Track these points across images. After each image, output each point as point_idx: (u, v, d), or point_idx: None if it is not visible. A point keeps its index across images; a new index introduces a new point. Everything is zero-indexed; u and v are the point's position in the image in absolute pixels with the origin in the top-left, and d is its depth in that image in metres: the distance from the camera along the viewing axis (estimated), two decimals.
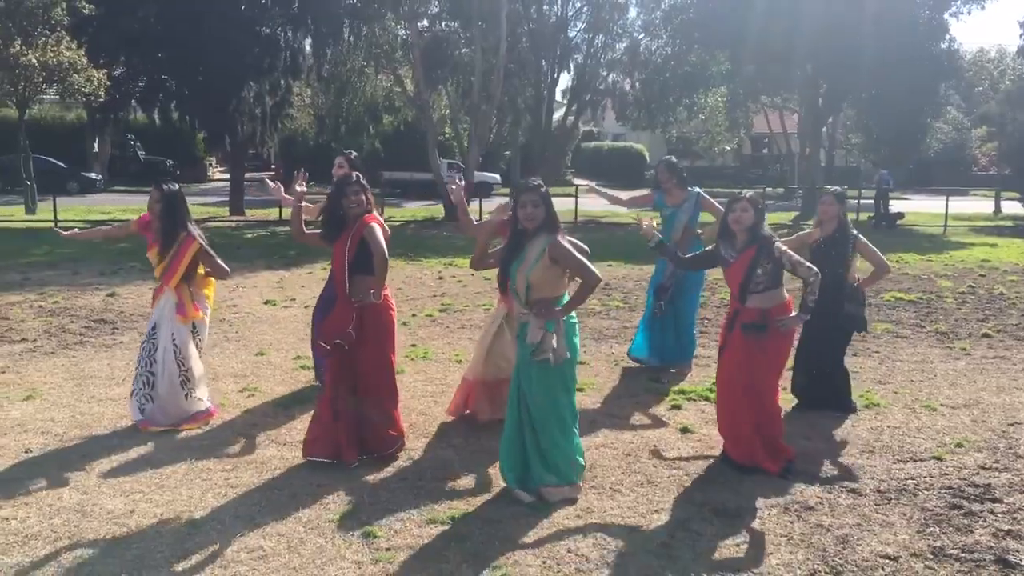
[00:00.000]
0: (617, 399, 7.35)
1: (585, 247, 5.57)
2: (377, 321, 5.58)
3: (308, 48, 26.23)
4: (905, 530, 4.80)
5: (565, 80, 28.04)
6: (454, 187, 6.23)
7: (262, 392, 7.31)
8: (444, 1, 26.64)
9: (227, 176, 33.80)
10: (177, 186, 6.71)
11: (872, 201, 28.22)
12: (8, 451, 5.77)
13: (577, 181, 31.37)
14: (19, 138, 26.38)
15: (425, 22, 27.52)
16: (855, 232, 7.04)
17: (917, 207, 33.41)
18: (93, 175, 37.51)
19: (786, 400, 7.17)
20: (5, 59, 24.47)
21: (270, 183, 7.48)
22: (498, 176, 38.82)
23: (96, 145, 39.91)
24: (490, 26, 25.09)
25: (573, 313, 5.22)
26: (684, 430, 6.48)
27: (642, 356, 8.33)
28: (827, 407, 6.93)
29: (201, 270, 6.65)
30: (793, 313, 5.53)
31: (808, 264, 5.52)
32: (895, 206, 29.16)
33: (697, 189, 8.18)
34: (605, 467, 5.72)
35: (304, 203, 5.95)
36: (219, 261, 6.61)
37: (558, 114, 30.19)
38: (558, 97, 28.92)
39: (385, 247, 5.53)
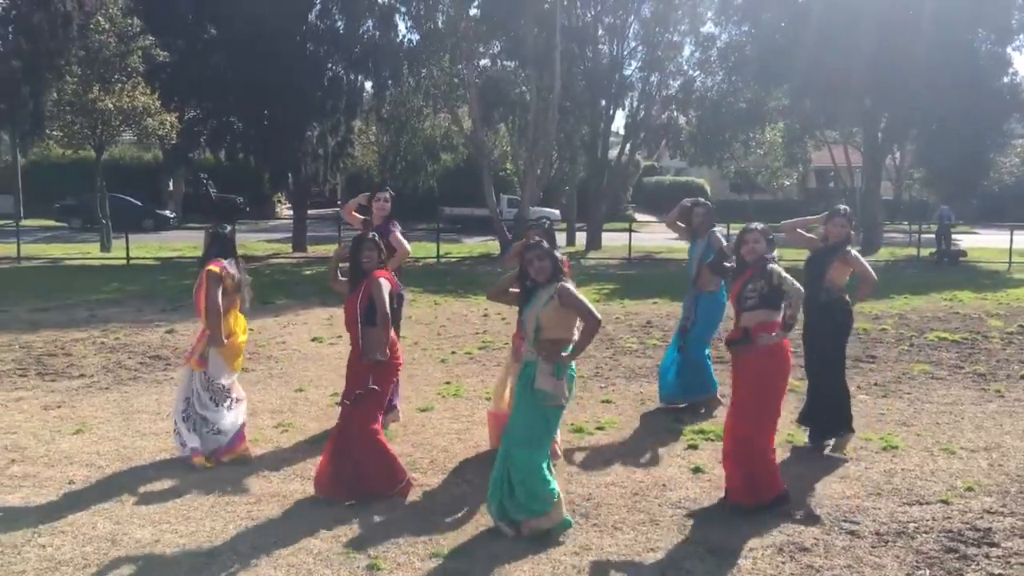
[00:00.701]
0: (636, 438, 7.53)
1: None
2: (381, 375, 5.93)
3: (369, 89, 27.05)
4: (895, 572, 4.89)
5: (621, 117, 28.21)
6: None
7: (296, 428, 7.67)
8: (500, 42, 27.21)
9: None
10: (217, 227, 7.02)
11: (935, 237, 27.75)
12: (53, 482, 6.20)
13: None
14: (97, 179, 27.70)
15: (484, 63, 28.15)
16: (849, 248, 7.13)
17: (984, 242, 32.66)
18: (167, 212, 39.04)
19: (800, 439, 7.30)
20: (84, 104, 25.82)
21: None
22: (558, 212, 39.22)
23: (171, 184, 41.54)
24: (545, 66, 25.56)
25: (574, 363, 5.46)
26: (696, 470, 6.62)
27: (674, 397, 8.41)
28: (833, 431, 7.04)
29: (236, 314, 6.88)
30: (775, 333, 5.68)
31: (794, 281, 5.68)
32: (959, 242, 28.62)
33: (716, 228, 8.36)
34: (611, 505, 5.91)
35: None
36: (214, 293, 6.57)
37: (615, 151, 30.42)
38: (614, 133, 29.09)
39: (387, 302, 5.89)
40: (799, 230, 7.42)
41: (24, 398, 8.61)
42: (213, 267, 6.64)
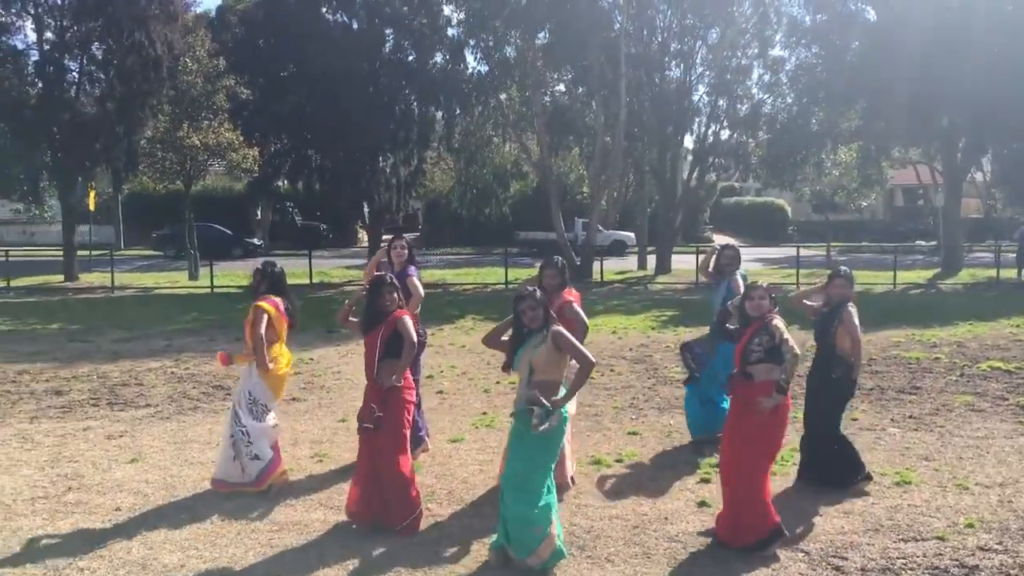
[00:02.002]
0: (652, 471, 7.76)
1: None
2: (397, 402, 6.32)
3: (440, 120, 27.83)
4: None
5: (689, 141, 28.32)
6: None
7: (331, 458, 8.15)
8: (567, 72, 27.67)
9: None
10: (268, 265, 7.52)
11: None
12: (102, 509, 6.81)
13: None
14: (186, 211, 29.23)
15: (551, 91, 28.65)
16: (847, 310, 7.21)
17: None
18: (255, 240, 40.60)
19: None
20: (174, 141, 27.34)
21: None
22: (632, 235, 39.35)
23: (259, 212, 43.24)
24: (611, 94, 25.89)
25: (567, 406, 5.78)
26: (702, 503, 6.83)
27: (699, 433, 8.57)
28: (830, 483, 7.11)
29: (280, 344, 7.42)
30: (772, 396, 5.86)
31: (793, 345, 5.87)
32: None
33: (738, 271, 8.53)
34: (609, 538, 6.18)
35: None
36: (259, 328, 7.09)
37: (685, 173, 30.49)
38: (683, 157, 29.18)
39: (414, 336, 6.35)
40: (804, 300, 7.54)
41: (91, 427, 9.34)
42: (263, 303, 7.21)
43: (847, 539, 6.11)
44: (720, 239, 47.79)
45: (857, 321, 7.01)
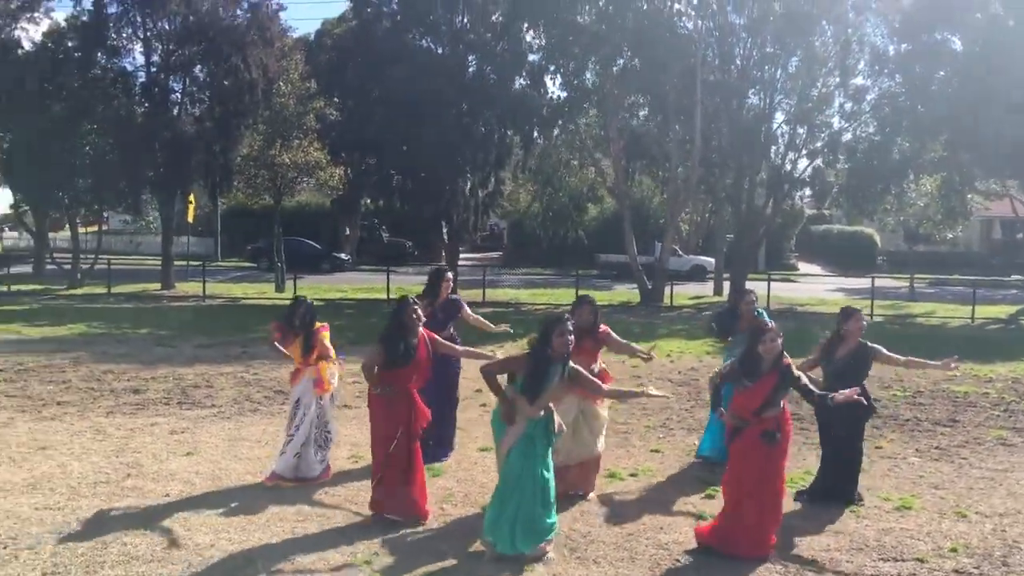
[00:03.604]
0: (661, 486, 8.15)
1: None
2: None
3: (518, 143, 28.57)
4: None
5: (766, 168, 28.25)
6: None
7: (365, 459, 8.74)
8: (644, 98, 28.07)
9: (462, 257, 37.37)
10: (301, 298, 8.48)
11: None
12: (153, 494, 7.58)
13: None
14: (275, 225, 30.69)
15: (628, 117, 29.06)
16: (871, 345, 7.53)
17: None
18: (343, 256, 42.06)
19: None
20: (266, 159, 28.79)
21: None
22: (712, 260, 39.29)
23: (347, 229, 44.77)
24: (687, 120, 26.17)
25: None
26: (700, 517, 7.20)
27: (709, 454, 8.91)
28: (840, 497, 7.44)
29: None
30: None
31: (812, 389, 6.44)
32: None
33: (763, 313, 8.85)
34: (602, 542, 6.62)
35: None
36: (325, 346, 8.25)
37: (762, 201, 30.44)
38: (760, 184, 29.10)
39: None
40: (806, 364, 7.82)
41: (158, 423, 10.23)
42: (325, 331, 8.24)
43: (828, 555, 6.41)
44: (805, 268, 47.19)
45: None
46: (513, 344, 10.18)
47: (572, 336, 6.25)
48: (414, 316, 7.02)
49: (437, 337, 7.31)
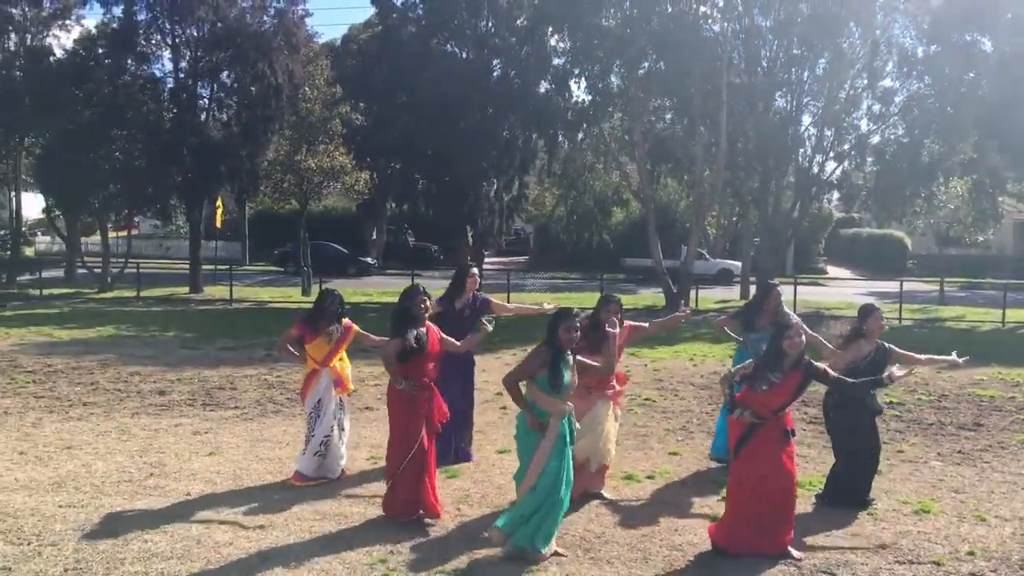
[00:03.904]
0: (679, 488, 8.13)
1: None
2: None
3: (542, 147, 28.63)
4: None
5: (792, 171, 28.10)
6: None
7: (384, 461, 8.81)
8: (669, 101, 28.03)
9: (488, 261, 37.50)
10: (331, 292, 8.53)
11: None
12: (175, 493, 7.69)
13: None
14: (301, 229, 30.94)
15: (652, 120, 29.03)
16: (887, 345, 7.50)
17: None
18: (369, 259, 42.26)
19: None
20: (292, 164, 29.04)
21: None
22: (739, 264, 39.09)
23: (374, 233, 45.00)
24: (713, 123, 26.10)
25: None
26: (714, 519, 7.18)
27: (725, 454, 8.89)
28: (854, 499, 7.43)
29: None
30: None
31: (844, 379, 6.58)
32: None
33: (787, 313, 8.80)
34: (616, 543, 6.63)
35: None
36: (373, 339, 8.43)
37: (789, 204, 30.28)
38: (787, 186, 28.95)
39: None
40: (830, 347, 7.89)
41: (182, 424, 10.36)
42: (355, 327, 8.36)
43: (844, 557, 6.37)
44: (835, 271, 46.78)
45: None
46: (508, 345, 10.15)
47: (578, 330, 6.32)
48: (422, 306, 7.08)
49: (444, 336, 7.35)
